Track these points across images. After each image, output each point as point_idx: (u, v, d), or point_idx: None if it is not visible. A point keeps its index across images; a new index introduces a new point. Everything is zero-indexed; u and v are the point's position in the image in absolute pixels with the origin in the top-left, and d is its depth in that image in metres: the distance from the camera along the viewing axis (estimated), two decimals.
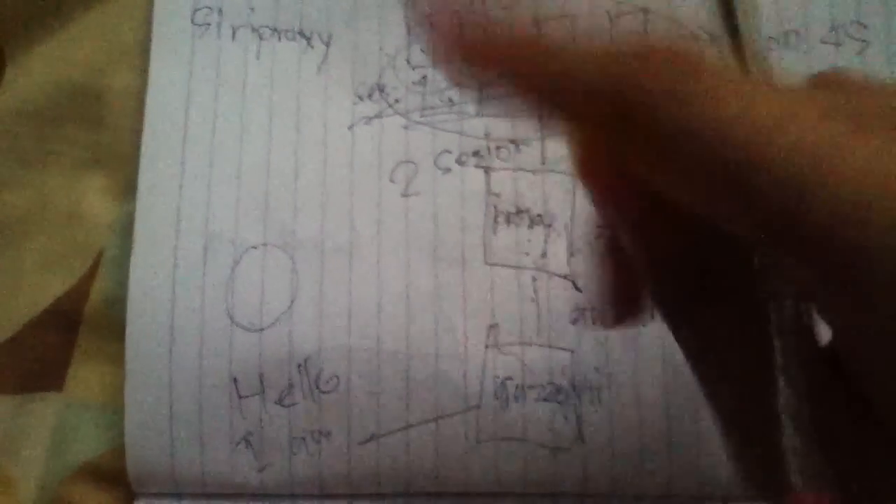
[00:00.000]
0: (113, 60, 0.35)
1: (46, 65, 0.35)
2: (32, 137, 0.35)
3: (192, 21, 0.35)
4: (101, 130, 0.35)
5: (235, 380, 0.32)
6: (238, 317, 0.32)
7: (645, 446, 0.31)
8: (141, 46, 0.35)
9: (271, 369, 0.32)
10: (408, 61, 0.34)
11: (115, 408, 0.32)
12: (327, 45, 0.35)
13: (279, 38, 0.35)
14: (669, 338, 0.31)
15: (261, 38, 0.35)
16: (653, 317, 0.31)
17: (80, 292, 0.34)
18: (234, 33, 0.35)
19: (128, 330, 0.32)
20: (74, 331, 0.33)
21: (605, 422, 0.31)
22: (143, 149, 0.33)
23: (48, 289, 0.34)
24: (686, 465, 0.31)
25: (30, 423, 0.33)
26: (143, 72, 0.34)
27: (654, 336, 0.32)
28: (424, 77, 0.34)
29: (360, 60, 0.34)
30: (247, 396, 0.32)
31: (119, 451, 0.32)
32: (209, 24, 0.35)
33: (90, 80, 0.35)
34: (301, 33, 0.35)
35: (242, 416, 0.32)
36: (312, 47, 0.35)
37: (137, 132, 0.34)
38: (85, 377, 0.33)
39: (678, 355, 0.30)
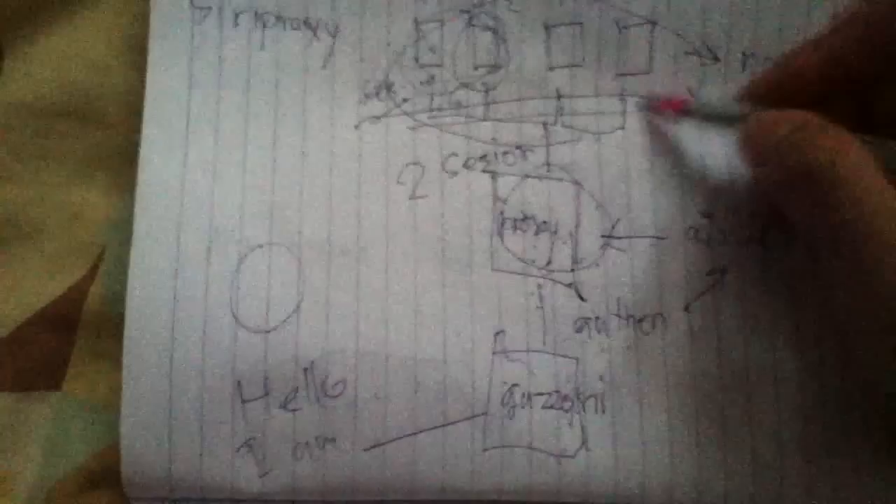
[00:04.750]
0: (114, 57, 0.34)
1: (47, 60, 0.33)
2: (32, 134, 0.33)
3: (192, 3, 0.33)
4: (103, 127, 0.33)
5: (239, 383, 0.31)
6: (243, 317, 0.31)
7: (647, 454, 0.32)
8: (143, 44, 0.33)
9: (276, 373, 0.31)
10: (416, 59, 0.34)
11: (114, 408, 0.31)
12: (333, 37, 0.34)
13: (284, 27, 0.33)
14: (671, 346, 0.32)
15: (265, 25, 0.33)
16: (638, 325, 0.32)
17: (80, 291, 0.32)
18: (236, 18, 0.33)
19: (126, 330, 0.30)
20: (74, 330, 0.32)
21: (608, 430, 0.32)
22: (143, 142, 0.32)
23: (48, 287, 0.32)
24: (688, 473, 0.31)
25: (27, 421, 0.31)
26: (145, 69, 0.33)
27: (656, 345, 0.32)
28: (433, 77, 0.34)
29: (367, 56, 0.34)
30: (250, 400, 0.31)
31: (117, 452, 0.30)
32: (210, 8, 0.33)
33: (91, 77, 0.33)
34: (307, 23, 0.33)
35: (245, 421, 0.31)
36: (318, 39, 0.33)
37: (140, 131, 0.32)
38: (84, 377, 0.32)
39: (680, 363, 0.32)
